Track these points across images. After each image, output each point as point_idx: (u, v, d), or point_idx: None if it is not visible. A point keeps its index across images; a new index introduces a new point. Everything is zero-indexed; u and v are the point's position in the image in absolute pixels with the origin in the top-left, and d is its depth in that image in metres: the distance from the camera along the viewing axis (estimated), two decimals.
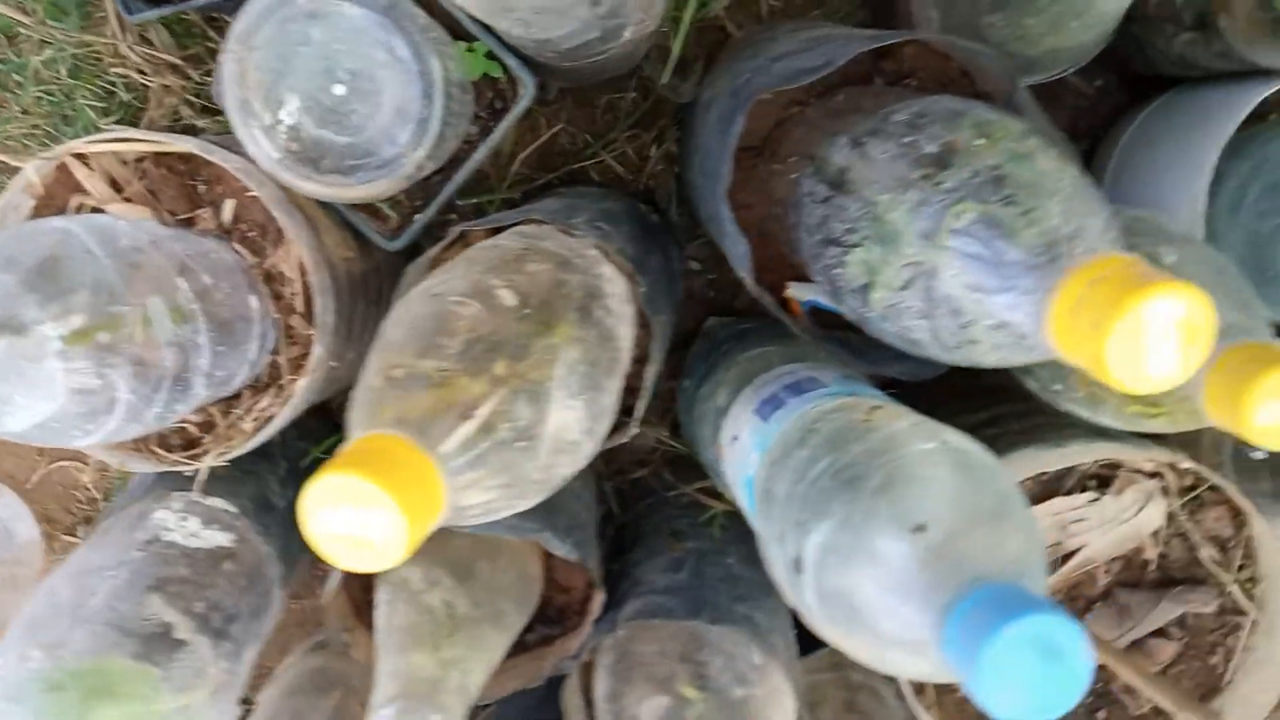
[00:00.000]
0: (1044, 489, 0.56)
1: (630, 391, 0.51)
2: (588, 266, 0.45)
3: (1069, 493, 0.55)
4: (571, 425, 0.41)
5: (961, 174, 0.39)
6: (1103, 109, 0.74)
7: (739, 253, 0.48)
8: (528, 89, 0.57)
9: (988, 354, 0.39)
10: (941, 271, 0.38)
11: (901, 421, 0.42)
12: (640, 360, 0.52)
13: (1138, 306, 0.31)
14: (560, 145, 0.73)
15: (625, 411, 0.50)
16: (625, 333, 0.46)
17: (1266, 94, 0.53)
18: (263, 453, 0.57)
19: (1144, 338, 0.31)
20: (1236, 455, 0.62)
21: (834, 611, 0.37)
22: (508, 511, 0.38)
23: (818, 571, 0.38)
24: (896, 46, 0.52)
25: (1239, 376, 0.38)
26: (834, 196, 0.43)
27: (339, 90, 0.50)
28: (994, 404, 0.62)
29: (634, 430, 0.51)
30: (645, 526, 0.68)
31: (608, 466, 0.76)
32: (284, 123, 0.50)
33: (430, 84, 0.49)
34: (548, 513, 0.57)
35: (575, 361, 0.41)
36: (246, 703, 0.64)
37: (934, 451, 0.38)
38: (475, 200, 0.70)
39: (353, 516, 0.31)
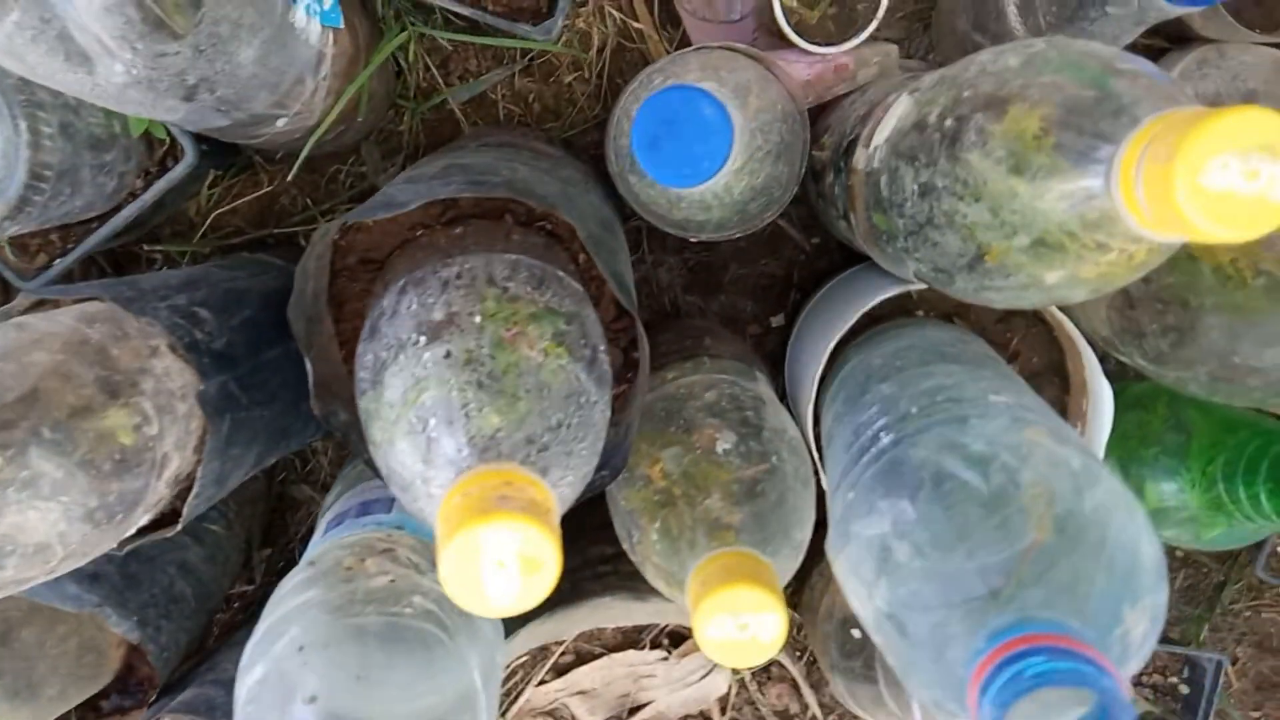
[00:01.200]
0: (625, 638, 0.56)
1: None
2: (119, 359, 0.44)
3: (643, 647, 0.56)
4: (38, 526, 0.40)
5: (454, 347, 0.39)
6: (820, 264, 0.76)
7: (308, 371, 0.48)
8: (188, 155, 0.57)
9: None
10: None
11: (379, 579, 0.42)
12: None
13: (468, 533, 0.31)
14: (281, 205, 0.73)
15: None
16: (159, 429, 0.45)
17: (878, 300, 0.55)
18: None
19: (477, 564, 0.31)
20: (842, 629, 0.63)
21: None
22: None
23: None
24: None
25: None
26: (369, 336, 0.43)
27: None
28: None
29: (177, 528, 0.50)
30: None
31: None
32: None
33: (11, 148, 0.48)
34: (121, 587, 0.56)
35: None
36: None
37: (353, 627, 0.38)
38: (164, 249, 0.69)
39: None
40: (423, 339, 0.39)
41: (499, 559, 0.31)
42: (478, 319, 0.40)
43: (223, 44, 0.43)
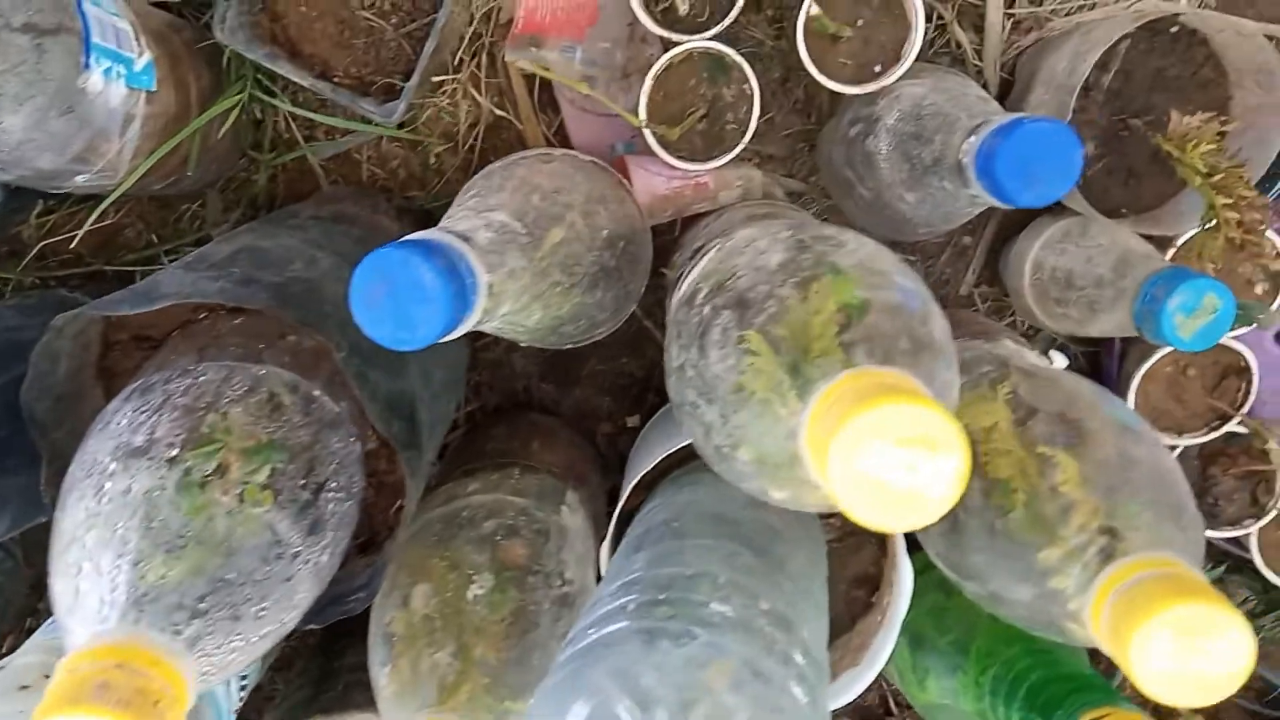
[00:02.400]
0: None
1: None
2: None
3: None
4: None
5: (137, 483, 0.36)
6: None
7: None
8: None
9: None
10: None
11: None
12: None
13: None
14: (125, 238, 0.70)
15: None
16: None
17: (676, 446, 0.53)
18: None
19: None
20: None
21: None
22: None
23: None
24: None
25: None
26: (81, 446, 0.41)
27: None
28: None
29: None
30: None
31: None
32: None
33: None
34: None
35: None
36: None
37: None
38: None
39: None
40: (112, 466, 0.37)
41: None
42: (174, 452, 0.37)
43: None
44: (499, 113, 0.66)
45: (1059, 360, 0.51)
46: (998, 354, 0.52)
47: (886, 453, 0.26)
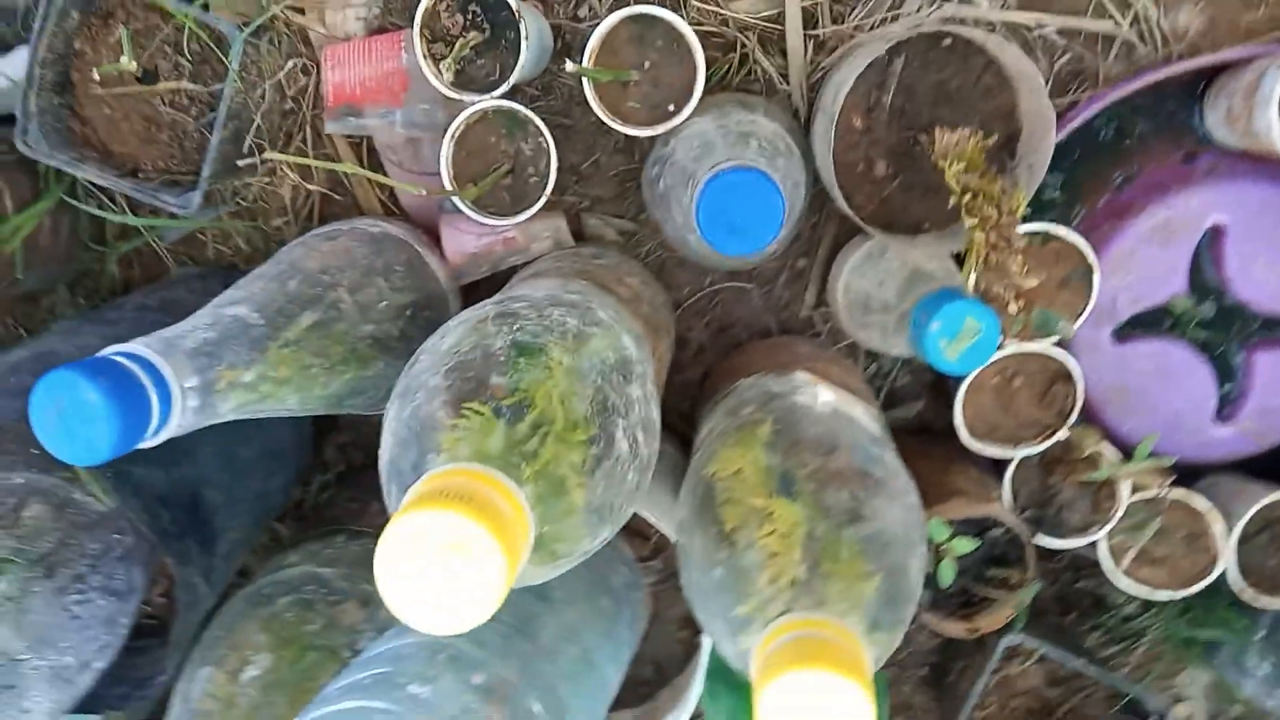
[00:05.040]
0: None
1: None
2: None
3: None
4: None
5: None
6: None
7: None
8: None
9: None
10: None
11: None
12: None
13: None
14: None
15: None
16: None
17: None
18: None
19: None
20: None
21: None
22: None
23: None
24: None
25: None
26: None
27: None
28: None
29: None
30: None
31: None
32: None
33: None
34: None
35: None
36: None
37: None
38: None
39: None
40: None
41: None
42: None
43: None
44: (311, 187, 0.68)
45: (823, 396, 0.51)
46: (773, 391, 0.52)
47: None
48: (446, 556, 0.29)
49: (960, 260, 0.54)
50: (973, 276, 0.50)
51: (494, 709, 0.39)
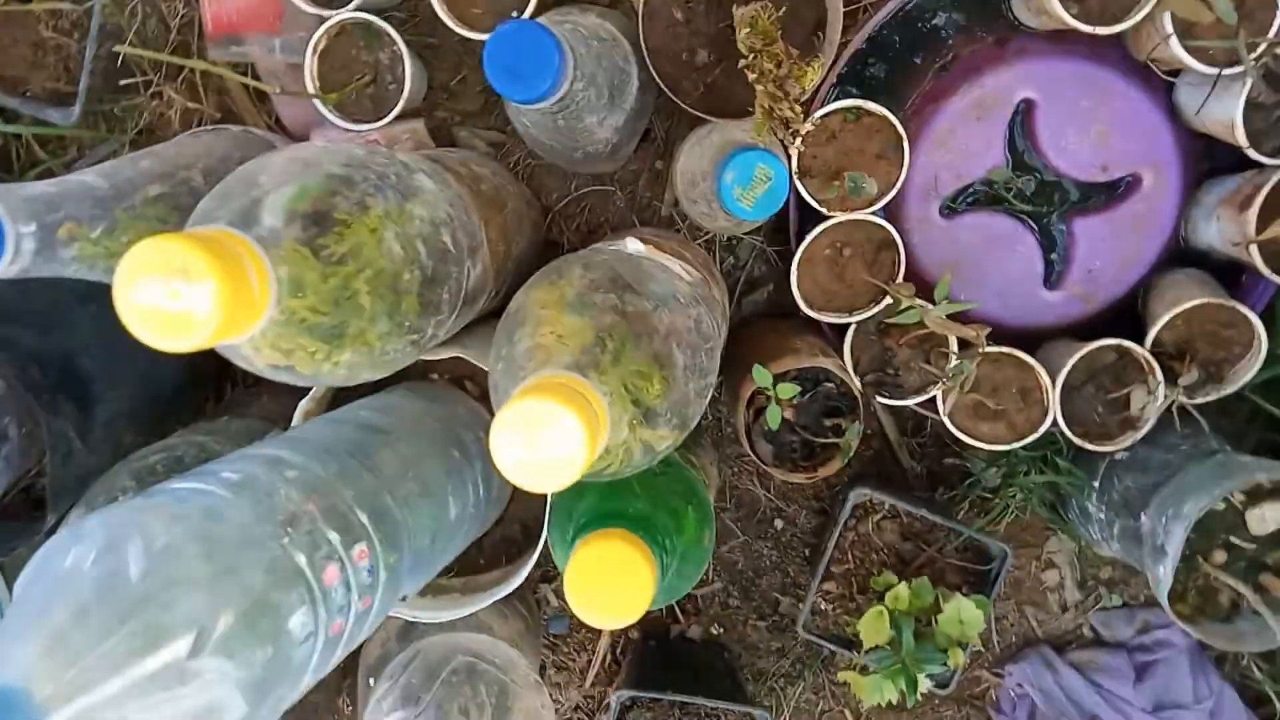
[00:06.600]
0: None
1: None
2: None
3: None
4: None
5: None
6: None
7: None
8: None
9: None
10: None
11: None
12: None
13: None
14: None
15: None
16: None
17: None
18: None
19: None
20: None
21: None
22: None
23: None
24: None
25: None
26: None
27: None
28: None
29: None
30: None
31: None
32: None
33: None
34: None
35: None
36: None
37: None
38: None
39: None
40: None
41: None
42: None
43: None
44: (197, 107, 0.73)
45: (632, 245, 0.56)
46: (599, 247, 0.57)
47: (154, 284, 0.32)
48: None
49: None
50: (759, 127, 0.55)
51: (311, 503, 0.43)
